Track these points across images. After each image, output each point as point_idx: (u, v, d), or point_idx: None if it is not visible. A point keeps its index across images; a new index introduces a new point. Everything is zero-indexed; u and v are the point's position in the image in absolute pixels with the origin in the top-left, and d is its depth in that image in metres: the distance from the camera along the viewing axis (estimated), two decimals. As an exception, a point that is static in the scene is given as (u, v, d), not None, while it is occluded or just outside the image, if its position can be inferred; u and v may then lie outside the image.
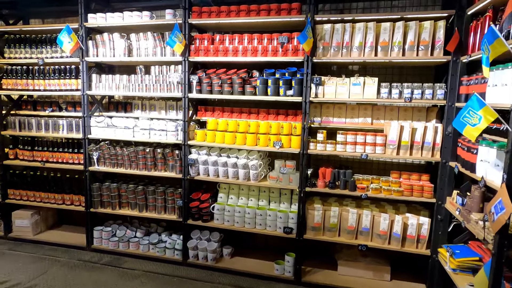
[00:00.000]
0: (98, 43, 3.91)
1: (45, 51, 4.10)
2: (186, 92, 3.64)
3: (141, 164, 3.91)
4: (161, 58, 3.71)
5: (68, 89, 4.05)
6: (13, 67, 4.23)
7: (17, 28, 4.10)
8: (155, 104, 4.04)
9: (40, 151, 4.27)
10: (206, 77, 3.63)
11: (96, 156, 4.02)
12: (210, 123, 3.73)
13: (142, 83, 3.86)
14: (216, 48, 3.57)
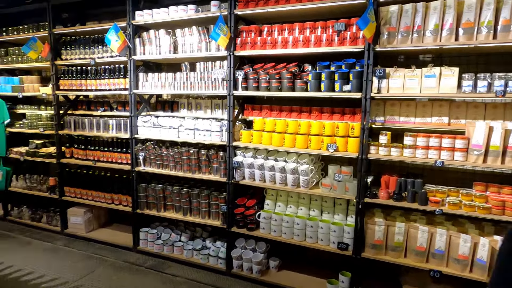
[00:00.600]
0: (145, 41, 3.81)
1: (97, 51, 4.13)
2: (231, 89, 3.37)
3: (185, 165, 3.73)
4: (206, 53, 3.48)
5: (117, 88, 4.02)
6: (69, 68, 4.33)
7: (72, 29, 4.18)
8: (201, 103, 3.84)
9: (92, 150, 4.33)
10: (253, 73, 3.32)
11: (142, 156, 3.94)
12: (257, 123, 3.41)
13: (187, 81, 3.68)
14: (263, 40, 3.24)
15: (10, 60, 4.76)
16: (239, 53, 3.32)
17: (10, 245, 4.34)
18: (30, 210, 4.98)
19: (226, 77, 3.42)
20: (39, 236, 4.62)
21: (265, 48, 3.24)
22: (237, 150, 3.53)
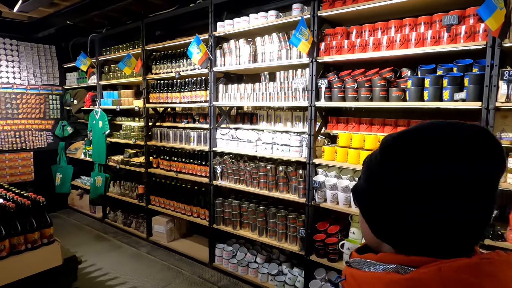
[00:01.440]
0: (225, 52, 3.72)
1: (182, 65, 4.21)
2: (312, 99, 3.01)
3: (262, 182, 3.47)
4: (286, 61, 3.20)
5: (199, 100, 4.02)
6: (158, 82, 4.52)
7: (160, 45, 4.36)
8: (281, 115, 3.56)
9: (175, 161, 4.40)
10: (338, 81, 2.91)
11: (220, 170, 3.82)
12: (342, 138, 2.97)
13: (266, 92, 3.44)
14: (351, 43, 2.81)
15: (111, 76, 5.23)
16: (323, 60, 2.95)
17: (103, 247, 4.66)
18: (123, 215, 5.34)
19: (307, 87, 3.08)
20: (127, 240, 4.88)
21: (353, 52, 2.80)
22: (318, 168, 3.13)
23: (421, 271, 0.59)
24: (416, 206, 0.63)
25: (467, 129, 0.65)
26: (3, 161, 5.62)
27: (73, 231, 5.31)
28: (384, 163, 0.69)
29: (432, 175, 0.62)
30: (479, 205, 0.62)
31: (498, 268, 0.59)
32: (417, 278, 0.58)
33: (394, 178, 0.66)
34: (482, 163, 0.62)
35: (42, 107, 6.06)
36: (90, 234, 5.18)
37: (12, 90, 5.68)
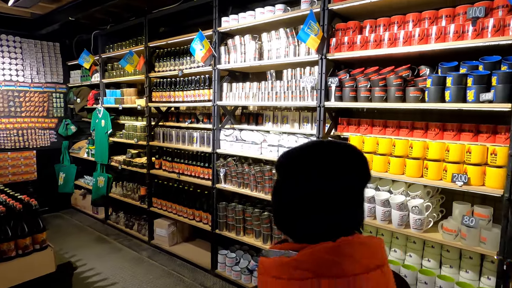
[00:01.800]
0: (230, 48, 3.53)
1: (185, 62, 4.04)
2: (321, 99, 2.80)
3: (267, 186, 3.28)
4: (294, 58, 2.99)
5: (202, 99, 3.84)
6: (160, 80, 4.36)
7: (163, 42, 4.19)
8: (288, 116, 3.35)
9: (178, 162, 4.24)
10: (350, 79, 2.69)
11: (223, 172, 3.64)
12: (353, 141, 2.76)
13: (272, 91, 3.24)
14: (365, 39, 2.60)
15: (114, 74, 5.09)
16: (333, 56, 2.73)
17: (104, 250, 4.52)
18: (125, 217, 5.20)
19: (316, 86, 2.87)
20: (129, 243, 4.74)
21: (366, 48, 2.58)
22: (327, 173, 2.92)
23: (300, 254, 0.76)
24: (302, 217, 0.81)
25: (341, 147, 0.83)
26: (6, 160, 5.53)
27: (74, 232, 5.19)
28: (276, 178, 0.89)
29: (311, 189, 0.79)
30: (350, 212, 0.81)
31: (354, 248, 0.75)
32: (297, 259, 0.75)
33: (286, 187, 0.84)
34: (353, 177, 0.81)
35: (46, 105, 5.96)
36: (91, 235, 5.06)
37: (15, 87, 5.59)
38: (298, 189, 0.81)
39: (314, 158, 0.82)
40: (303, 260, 0.75)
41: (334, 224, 0.81)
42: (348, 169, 0.81)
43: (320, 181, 0.79)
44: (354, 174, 0.81)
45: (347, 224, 0.82)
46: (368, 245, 0.77)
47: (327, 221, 0.81)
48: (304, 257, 0.75)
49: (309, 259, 0.74)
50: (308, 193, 0.80)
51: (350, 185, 0.81)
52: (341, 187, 0.80)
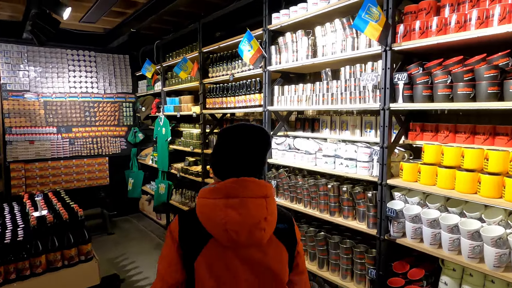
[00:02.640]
0: (281, 47, 3.18)
1: (237, 66, 3.80)
2: (386, 100, 2.28)
3: (322, 203, 2.83)
4: (352, 53, 2.52)
5: (253, 105, 3.55)
6: (214, 86, 4.20)
7: (215, 46, 4.02)
8: (347, 121, 2.87)
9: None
10: (423, 74, 2.13)
11: (274, 185, 3.29)
12: (429, 151, 2.17)
13: (328, 92, 2.80)
14: (443, 21, 2.02)
15: (173, 82, 5.12)
16: (401, 47, 2.20)
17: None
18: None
19: (379, 84, 2.36)
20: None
21: (446, 33, 2.01)
22: (394, 191, 2.38)
23: (218, 185, 1.22)
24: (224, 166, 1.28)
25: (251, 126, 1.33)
26: (82, 166, 5.96)
27: (137, 237, 5.33)
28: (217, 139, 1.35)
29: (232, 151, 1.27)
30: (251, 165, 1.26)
31: (248, 183, 1.20)
32: (216, 187, 1.22)
33: (217, 147, 1.32)
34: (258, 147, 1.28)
35: (117, 114, 6.31)
36: (152, 242, 5.13)
37: (91, 99, 6.02)
38: (225, 150, 1.29)
39: (237, 133, 1.30)
40: (218, 187, 1.22)
41: (240, 170, 1.25)
42: (256, 142, 1.29)
43: (236, 147, 1.27)
44: (259, 145, 1.29)
45: (248, 171, 1.25)
46: (258, 183, 1.23)
47: (237, 169, 1.25)
48: (219, 186, 1.22)
49: (221, 187, 1.21)
50: (229, 152, 1.28)
51: (254, 151, 1.28)
52: (248, 151, 1.27)
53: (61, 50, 5.70)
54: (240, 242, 1.16)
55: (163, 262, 1.25)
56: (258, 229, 1.17)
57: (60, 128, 5.76)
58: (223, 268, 1.20)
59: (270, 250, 1.25)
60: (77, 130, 5.91)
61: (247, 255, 1.21)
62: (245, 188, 1.19)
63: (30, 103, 5.47)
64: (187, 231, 1.23)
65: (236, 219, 1.15)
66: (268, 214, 1.20)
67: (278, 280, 1.26)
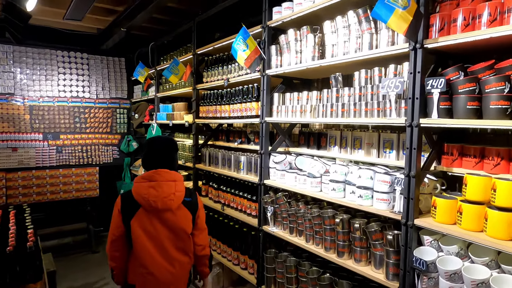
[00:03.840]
0: (282, 47, 2.66)
1: (233, 69, 3.30)
2: (415, 114, 1.72)
3: (328, 240, 2.27)
4: (369, 53, 1.98)
5: (249, 115, 3.03)
6: (208, 92, 3.70)
7: (210, 47, 3.53)
8: (361, 137, 2.31)
9: (224, 191, 3.49)
10: (467, 80, 1.57)
11: (271, 212, 2.74)
12: (473, 185, 1.60)
13: (338, 102, 2.26)
14: (495, 7, 1.47)
15: (167, 88, 4.64)
16: (437, 43, 1.65)
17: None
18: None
19: (405, 93, 1.81)
20: (172, 280, 4.11)
21: (500, 24, 1.46)
22: (424, 235, 1.80)
23: (144, 174, 1.93)
24: (150, 162, 1.98)
25: (163, 137, 2.16)
26: (70, 176, 5.50)
27: (123, 258, 4.81)
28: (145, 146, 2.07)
29: (154, 153, 2.00)
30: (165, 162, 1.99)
31: (163, 172, 1.92)
32: (142, 175, 1.92)
33: (145, 151, 2.03)
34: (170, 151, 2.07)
35: (110, 121, 5.86)
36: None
37: (82, 104, 5.59)
38: (149, 153, 2.01)
39: (155, 143, 2.05)
40: (145, 175, 1.90)
41: (158, 165, 1.95)
42: (165, 148, 2.04)
43: (154, 151, 2.00)
44: (167, 150, 2.05)
45: (162, 166, 1.96)
46: (170, 173, 1.95)
47: (155, 165, 1.95)
48: (145, 174, 1.91)
49: (145, 175, 1.90)
50: (151, 154, 2.00)
51: (165, 154, 2.02)
52: (161, 154, 2.00)
53: (51, 51, 5.30)
54: (158, 208, 1.86)
55: (112, 224, 1.95)
56: (169, 199, 1.88)
57: (46, 135, 5.32)
58: (149, 224, 1.90)
59: (179, 213, 1.94)
60: (66, 137, 5.47)
61: (164, 216, 1.91)
62: (160, 175, 1.90)
63: (14, 107, 5.05)
64: (126, 203, 1.92)
65: (154, 194, 1.85)
66: (176, 191, 1.92)
67: (183, 231, 1.97)
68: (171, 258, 1.93)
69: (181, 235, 1.95)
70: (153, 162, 1.95)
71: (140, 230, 1.88)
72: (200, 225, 2.07)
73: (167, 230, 1.91)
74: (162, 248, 1.91)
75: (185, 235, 1.96)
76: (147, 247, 1.88)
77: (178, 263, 1.95)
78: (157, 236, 1.89)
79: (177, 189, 1.91)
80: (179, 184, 1.94)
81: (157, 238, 1.90)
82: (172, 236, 1.93)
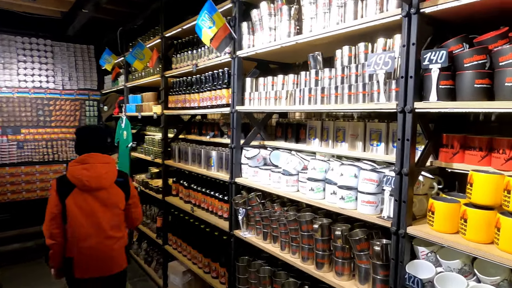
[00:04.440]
0: (255, 24, 2.29)
1: (203, 53, 2.92)
2: (408, 96, 1.39)
3: (306, 248, 1.93)
4: (354, 24, 1.63)
5: (219, 104, 2.66)
6: (176, 80, 3.32)
7: (178, 28, 3.14)
8: (344, 128, 1.97)
9: (194, 190, 3.12)
10: (475, 52, 1.24)
11: (242, 214, 2.39)
12: (480, 184, 1.27)
13: (317, 86, 1.91)
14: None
15: (137, 76, 4.23)
16: (436, 7, 1.32)
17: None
18: (147, 249, 4.26)
19: (396, 71, 1.47)
20: (142, 286, 3.75)
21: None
22: (418, 246, 1.47)
23: (78, 158, 2.16)
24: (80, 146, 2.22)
25: (90, 127, 2.51)
26: (33, 174, 5.06)
27: (90, 263, 4.40)
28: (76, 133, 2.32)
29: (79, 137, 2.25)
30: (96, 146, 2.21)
31: (96, 156, 2.15)
32: (76, 159, 2.15)
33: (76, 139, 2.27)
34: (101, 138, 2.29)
35: (78, 114, 5.42)
36: (106, 269, 4.19)
37: (45, 95, 5.13)
38: (80, 140, 2.21)
39: (84, 131, 2.31)
40: (77, 159, 2.13)
41: (89, 149, 2.15)
42: (95, 135, 2.25)
43: (85, 138, 2.21)
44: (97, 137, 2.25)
45: (94, 150, 2.16)
46: (101, 156, 2.16)
47: (87, 148, 2.15)
48: (78, 158, 2.13)
49: (78, 159, 2.12)
50: (82, 141, 2.21)
51: (94, 140, 2.22)
52: (91, 140, 2.21)
53: (9, 36, 4.82)
54: (92, 187, 2.08)
55: (50, 203, 2.09)
56: (101, 179, 2.11)
57: (5, 129, 4.86)
58: (83, 202, 2.09)
59: (112, 191, 2.18)
60: (28, 132, 5.02)
61: (97, 194, 2.12)
62: (92, 158, 2.13)
63: (-33, 98, 4.58)
64: (61, 185, 2.10)
65: (87, 174, 2.06)
66: (108, 172, 2.15)
67: (117, 207, 2.20)
68: (106, 232, 2.12)
69: (115, 210, 2.18)
70: (84, 147, 2.18)
71: (75, 208, 2.06)
72: (132, 200, 2.31)
73: (102, 206, 2.12)
74: (97, 223, 2.10)
75: (118, 210, 2.20)
76: (82, 223, 2.07)
77: (112, 236, 2.15)
78: (92, 213, 2.09)
79: (108, 170, 2.16)
80: (110, 166, 2.19)
81: (92, 214, 2.09)
82: (106, 212, 2.14)
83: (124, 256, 2.25)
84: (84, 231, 2.06)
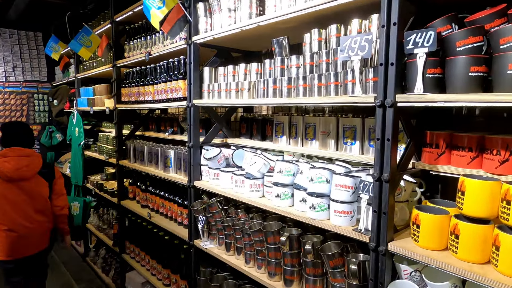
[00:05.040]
0: (212, 5, 1.99)
1: (157, 40, 2.58)
2: (388, 88, 1.15)
3: (273, 263, 1.68)
4: (324, 1, 1.37)
5: (175, 97, 2.34)
6: (130, 70, 2.95)
7: (129, 11, 2.77)
8: (315, 124, 1.73)
9: (152, 193, 2.80)
10: (469, 33, 1.01)
11: (202, 222, 2.11)
12: (474, 190, 1.06)
13: (283, 76, 1.65)
14: None
15: (88, 67, 3.79)
16: (421, -22, 1.08)
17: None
18: (105, 257, 3.88)
19: (374, 57, 1.24)
20: (97, 300, 3.40)
21: None
22: (400, 264, 1.26)
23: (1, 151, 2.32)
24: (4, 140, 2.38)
25: (14, 123, 2.56)
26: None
27: (40, 274, 3.97)
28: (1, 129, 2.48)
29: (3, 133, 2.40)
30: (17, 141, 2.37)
31: (18, 150, 2.30)
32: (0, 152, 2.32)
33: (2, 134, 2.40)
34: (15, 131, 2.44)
35: (25, 109, 4.88)
36: (59, 280, 3.79)
37: (-15, 88, 4.56)
38: (4, 135, 2.36)
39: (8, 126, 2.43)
40: (1, 153, 2.26)
41: (12, 144, 2.30)
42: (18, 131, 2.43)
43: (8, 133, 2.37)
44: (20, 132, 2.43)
45: (17, 144, 2.30)
46: (23, 150, 2.30)
47: (10, 143, 2.32)
48: (2, 152, 2.26)
49: (2, 152, 2.26)
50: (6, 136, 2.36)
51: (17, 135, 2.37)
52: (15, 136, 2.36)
53: None
54: (14, 178, 2.22)
55: None
56: (22, 171, 2.24)
57: None
58: (8, 192, 2.24)
59: (35, 181, 2.33)
60: (-35, 129, 4.43)
61: (21, 185, 2.26)
62: (13, 152, 2.26)
63: None
64: None
65: (8, 167, 2.20)
66: (29, 164, 2.28)
67: (40, 195, 2.36)
68: (29, 217, 2.30)
69: (38, 199, 2.36)
70: (8, 142, 2.34)
71: (1, 198, 2.24)
72: (59, 190, 2.50)
73: (25, 195, 2.29)
74: (20, 210, 2.28)
75: (42, 198, 2.38)
76: (6, 209, 2.24)
77: (36, 221, 2.34)
78: (16, 201, 2.26)
79: (30, 162, 2.30)
80: (32, 158, 2.33)
81: (16, 202, 2.26)
82: (30, 200, 2.31)
83: (46, 238, 2.43)
84: (7, 217, 2.24)
